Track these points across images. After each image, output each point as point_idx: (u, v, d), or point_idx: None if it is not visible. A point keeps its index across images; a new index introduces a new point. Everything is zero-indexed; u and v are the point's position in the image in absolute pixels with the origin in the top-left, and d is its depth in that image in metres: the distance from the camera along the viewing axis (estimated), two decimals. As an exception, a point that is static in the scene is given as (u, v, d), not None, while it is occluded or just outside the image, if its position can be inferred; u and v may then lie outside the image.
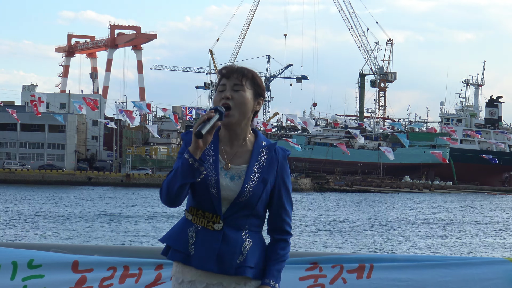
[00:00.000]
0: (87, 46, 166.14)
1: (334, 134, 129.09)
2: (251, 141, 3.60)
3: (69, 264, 4.34)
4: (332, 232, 44.32)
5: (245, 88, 3.54)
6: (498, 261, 4.43)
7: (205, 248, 3.50)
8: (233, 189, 3.51)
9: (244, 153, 3.57)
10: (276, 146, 3.61)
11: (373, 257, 4.39)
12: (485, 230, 49.82)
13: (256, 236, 3.57)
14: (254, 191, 3.51)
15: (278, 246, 3.59)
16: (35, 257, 4.35)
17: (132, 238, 38.31)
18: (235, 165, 3.55)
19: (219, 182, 3.50)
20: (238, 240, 3.51)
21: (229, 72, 3.55)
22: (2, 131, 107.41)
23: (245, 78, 3.54)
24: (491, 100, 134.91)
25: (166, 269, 4.35)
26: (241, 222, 3.53)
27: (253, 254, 3.54)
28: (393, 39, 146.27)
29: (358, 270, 4.32)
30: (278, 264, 3.57)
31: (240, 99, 3.52)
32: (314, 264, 4.33)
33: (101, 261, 4.37)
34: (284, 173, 3.60)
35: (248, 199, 3.50)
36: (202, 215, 3.53)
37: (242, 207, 3.52)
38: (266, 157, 3.56)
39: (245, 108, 3.53)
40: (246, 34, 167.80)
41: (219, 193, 3.50)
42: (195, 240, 3.53)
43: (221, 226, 3.51)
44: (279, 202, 3.59)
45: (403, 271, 4.33)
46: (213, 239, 3.50)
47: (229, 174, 3.53)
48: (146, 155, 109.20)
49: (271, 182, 3.56)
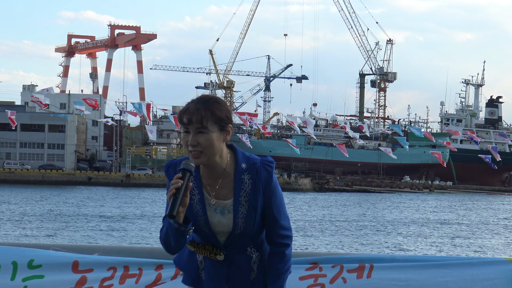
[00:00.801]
0: (87, 46, 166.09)
1: (334, 134, 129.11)
2: (232, 167, 3.55)
3: (69, 265, 4.34)
4: (332, 232, 44.31)
5: (208, 131, 3.45)
6: (498, 261, 4.42)
7: (214, 274, 3.56)
8: (226, 224, 3.53)
9: (227, 184, 3.54)
10: (257, 166, 3.54)
11: (373, 257, 4.39)
12: (485, 230, 49.82)
13: (262, 246, 3.62)
14: (246, 222, 3.52)
15: (276, 260, 3.59)
16: (35, 257, 4.35)
17: (133, 238, 38.31)
18: (221, 200, 3.54)
19: (209, 221, 3.52)
20: (245, 259, 3.57)
21: (189, 118, 3.45)
22: (2, 131, 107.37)
23: (205, 120, 3.44)
24: (491, 100, 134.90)
25: (166, 269, 4.35)
26: (243, 244, 3.58)
27: (264, 266, 3.60)
28: (393, 39, 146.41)
29: (358, 270, 4.32)
30: (280, 280, 3.59)
31: (206, 143, 3.45)
32: (314, 264, 4.33)
33: (101, 261, 4.37)
34: (270, 192, 3.57)
35: (243, 230, 3.53)
36: (203, 248, 3.57)
37: (240, 237, 3.55)
38: (249, 183, 3.53)
39: (214, 149, 3.47)
40: (246, 34, 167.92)
41: (212, 231, 3.53)
42: (204, 265, 3.59)
43: (223, 257, 3.55)
44: (272, 219, 3.58)
45: (403, 271, 4.32)
46: (220, 266, 3.56)
47: (219, 208, 3.54)
48: (146, 155, 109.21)
49: (261, 205, 3.55)
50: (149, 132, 36.33)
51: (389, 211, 66.72)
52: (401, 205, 76.86)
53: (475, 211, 70.33)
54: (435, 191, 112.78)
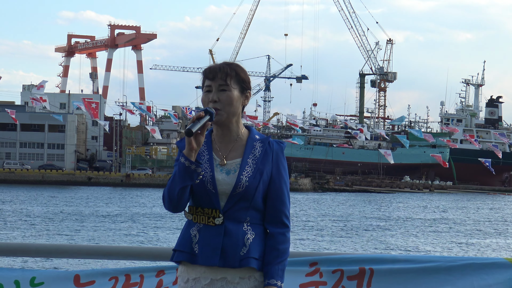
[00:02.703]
0: (87, 46, 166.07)
1: (334, 134, 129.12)
2: (245, 136, 3.65)
3: (71, 279, 4.38)
4: (332, 232, 44.33)
5: (230, 88, 3.59)
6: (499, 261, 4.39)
7: (208, 244, 3.54)
8: (229, 183, 3.54)
9: (238, 148, 3.62)
10: (269, 139, 3.64)
11: (373, 258, 4.37)
12: (485, 230, 49.83)
13: (258, 228, 3.59)
14: (250, 181, 3.54)
15: (277, 241, 3.58)
16: (37, 274, 4.39)
17: (132, 238, 38.32)
18: (230, 160, 3.59)
19: (215, 177, 3.55)
20: (240, 233, 3.54)
21: (214, 74, 3.60)
22: (2, 131, 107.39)
23: (229, 78, 3.60)
24: (491, 100, 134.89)
25: (167, 275, 4.37)
26: (241, 215, 3.56)
27: (257, 246, 3.56)
28: (393, 39, 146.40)
29: (358, 277, 4.30)
30: (282, 264, 3.57)
31: (227, 100, 3.58)
32: (315, 268, 4.31)
33: (102, 272, 4.40)
34: (280, 164, 3.62)
35: (244, 190, 3.54)
36: (202, 212, 3.57)
37: (240, 199, 3.55)
38: (260, 150, 3.61)
39: (233, 108, 3.59)
40: (246, 34, 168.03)
41: (216, 188, 3.54)
42: (198, 238, 3.57)
43: (222, 220, 3.54)
44: (277, 193, 3.60)
45: (402, 277, 4.29)
46: (215, 234, 3.54)
47: (225, 169, 3.58)
48: (146, 155, 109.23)
49: (267, 172, 3.59)
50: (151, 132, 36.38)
51: (389, 211, 66.73)
52: (400, 205, 76.87)
53: (475, 211, 70.34)
54: (435, 191, 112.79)
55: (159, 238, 38.13)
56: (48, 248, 4.61)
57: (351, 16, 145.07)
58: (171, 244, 35.01)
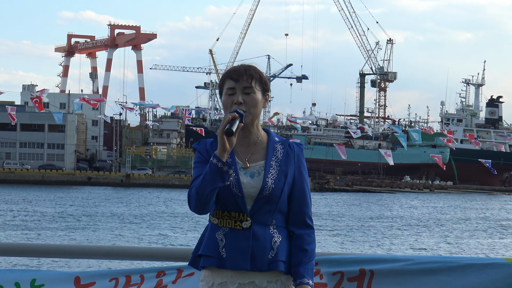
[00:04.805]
0: (87, 46, 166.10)
1: (334, 134, 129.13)
2: (265, 138, 3.65)
3: (71, 280, 4.38)
4: (333, 231, 44.33)
5: (255, 90, 3.58)
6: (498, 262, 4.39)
7: (236, 248, 3.51)
8: (254, 186, 3.53)
9: (259, 151, 3.62)
10: (289, 141, 3.67)
11: (373, 258, 4.37)
12: (485, 230, 49.84)
13: (283, 231, 3.58)
14: (275, 184, 3.54)
15: (304, 241, 3.59)
16: (38, 276, 4.39)
17: (133, 238, 38.32)
18: (253, 163, 3.59)
19: (240, 180, 3.53)
20: (267, 236, 3.53)
21: (238, 75, 3.58)
22: (2, 131, 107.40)
23: (254, 80, 3.59)
24: (491, 100, 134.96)
25: (167, 275, 4.38)
26: (267, 218, 3.55)
27: (283, 249, 3.56)
28: (393, 39, 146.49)
29: (359, 278, 4.31)
30: (311, 264, 3.58)
31: (253, 102, 3.57)
32: (316, 269, 4.32)
33: (102, 273, 4.41)
34: (301, 165, 3.65)
35: (271, 193, 3.53)
36: (228, 216, 3.55)
37: (266, 202, 3.54)
38: (282, 152, 3.62)
39: (258, 110, 3.60)
40: (246, 34, 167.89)
41: (242, 192, 3.53)
42: (224, 242, 3.54)
43: (249, 224, 3.52)
44: (300, 195, 3.61)
45: (402, 279, 4.29)
46: (243, 238, 3.52)
47: (249, 172, 3.56)
48: (146, 155, 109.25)
49: (291, 174, 3.60)
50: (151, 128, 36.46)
51: (388, 211, 66.74)
52: (400, 205, 76.89)
53: (475, 211, 70.35)
54: (435, 191, 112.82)
55: (159, 238, 38.14)
56: (48, 248, 4.61)
57: (351, 16, 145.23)
58: (171, 244, 35.02)
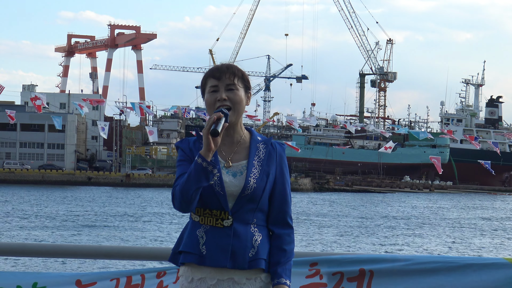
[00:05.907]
0: (87, 46, 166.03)
1: (334, 134, 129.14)
2: (247, 138, 3.67)
3: (73, 282, 4.39)
4: (333, 231, 44.33)
5: (238, 87, 3.61)
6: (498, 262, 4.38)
7: (217, 246, 3.54)
8: (237, 185, 3.56)
9: (242, 150, 3.64)
10: (272, 140, 3.68)
11: (373, 257, 4.37)
12: (485, 230, 49.84)
13: (263, 230, 3.61)
14: (257, 183, 3.57)
15: (284, 241, 3.62)
16: (39, 279, 4.40)
17: (132, 238, 38.33)
18: (235, 163, 3.61)
19: (223, 179, 3.56)
20: (248, 234, 3.56)
21: (221, 73, 3.61)
22: (2, 131, 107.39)
23: (236, 78, 3.62)
24: (491, 100, 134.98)
25: (168, 275, 4.38)
26: (248, 217, 3.57)
27: (264, 247, 3.58)
28: (393, 39, 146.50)
29: (358, 278, 4.31)
30: (289, 264, 3.61)
31: (236, 98, 3.60)
32: (315, 269, 4.32)
33: (103, 274, 4.42)
34: (283, 165, 3.66)
35: (253, 192, 3.56)
36: (210, 214, 3.57)
37: (247, 201, 3.56)
38: (264, 151, 3.64)
39: (241, 107, 3.63)
40: (246, 34, 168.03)
41: (224, 190, 3.55)
42: (205, 239, 3.56)
43: (231, 222, 3.55)
44: (281, 194, 3.64)
45: (402, 279, 4.29)
46: (224, 236, 3.54)
47: (231, 171, 3.59)
48: (146, 155, 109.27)
49: (273, 174, 3.62)
50: (149, 134, 36.35)
51: (388, 210, 66.75)
52: (400, 205, 76.88)
53: (475, 211, 70.35)
54: (435, 191, 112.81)
55: (157, 238, 38.14)
56: (48, 248, 4.61)
57: (351, 16, 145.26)
58: (170, 244, 35.01)
